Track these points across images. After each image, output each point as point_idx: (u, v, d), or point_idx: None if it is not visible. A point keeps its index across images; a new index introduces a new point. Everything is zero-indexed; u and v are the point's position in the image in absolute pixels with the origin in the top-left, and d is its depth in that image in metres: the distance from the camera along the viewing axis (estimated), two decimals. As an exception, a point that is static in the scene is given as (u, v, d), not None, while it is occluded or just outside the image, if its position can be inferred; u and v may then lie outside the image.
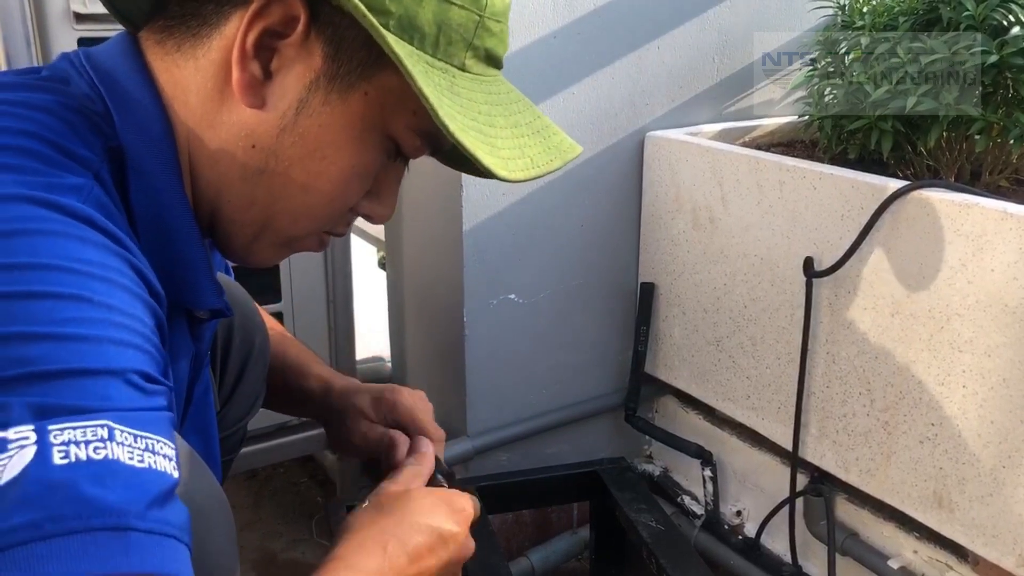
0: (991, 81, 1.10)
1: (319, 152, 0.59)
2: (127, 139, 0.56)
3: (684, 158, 1.35)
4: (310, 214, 0.63)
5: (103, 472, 0.40)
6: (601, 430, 1.54)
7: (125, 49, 0.59)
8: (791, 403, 1.23)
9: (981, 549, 1.04)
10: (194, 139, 0.59)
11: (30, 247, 0.45)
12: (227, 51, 0.57)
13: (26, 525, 0.38)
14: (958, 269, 1.00)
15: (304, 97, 0.58)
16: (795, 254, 1.19)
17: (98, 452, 0.41)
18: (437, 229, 1.37)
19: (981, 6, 1.09)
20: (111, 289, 0.47)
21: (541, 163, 0.62)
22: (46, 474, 0.39)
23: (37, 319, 0.43)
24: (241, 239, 0.64)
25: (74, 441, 0.40)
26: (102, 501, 0.40)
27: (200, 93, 0.58)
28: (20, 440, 0.39)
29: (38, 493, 0.38)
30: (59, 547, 0.38)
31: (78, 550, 0.38)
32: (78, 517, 0.39)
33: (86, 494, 0.39)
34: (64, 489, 0.39)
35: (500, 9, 0.61)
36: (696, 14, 1.42)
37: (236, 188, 0.60)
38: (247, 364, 0.90)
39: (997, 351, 0.98)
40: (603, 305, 1.48)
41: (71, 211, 0.48)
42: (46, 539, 0.38)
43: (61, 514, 0.38)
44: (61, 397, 0.41)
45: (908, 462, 1.10)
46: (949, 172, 1.23)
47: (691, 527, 1.45)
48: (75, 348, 0.43)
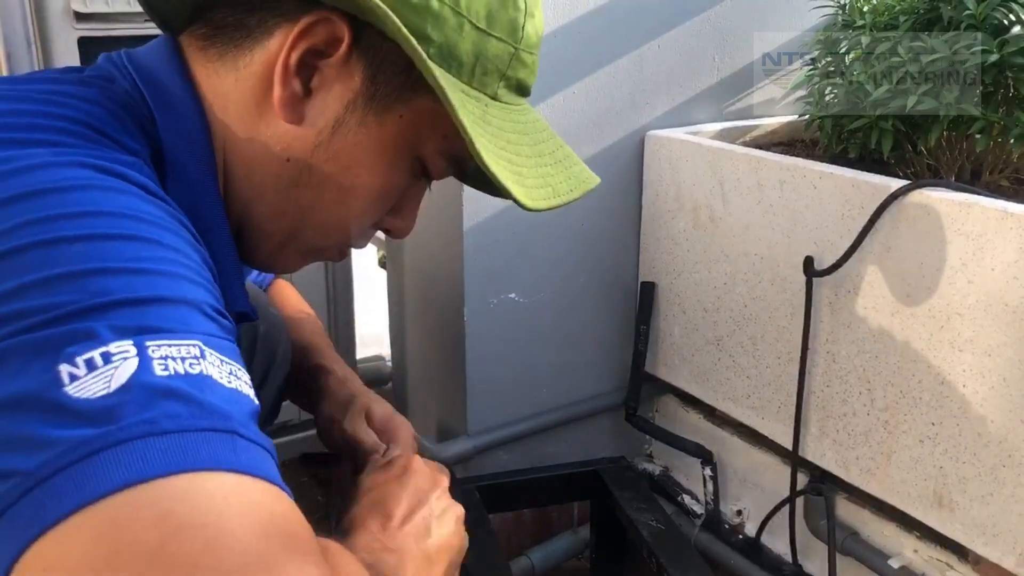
0: (992, 80, 1.10)
1: (352, 170, 0.61)
2: (167, 139, 0.57)
3: (684, 157, 1.35)
4: (337, 227, 0.64)
5: (202, 385, 0.41)
6: (601, 429, 1.54)
7: (168, 53, 0.61)
8: (791, 402, 1.23)
9: (981, 548, 1.04)
10: (230, 147, 0.60)
11: (92, 199, 0.46)
12: (269, 65, 0.58)
13: (143, 422, 0.38)
14: (958, 268, 1.00)
15: (341, 116, 0.59)
16: (795, 253, 1.19)
17: (193, 368, 0.42)
18: (438, 228, 1.37)
19: (982, 5, 1.09)
20: (176, 238, 0.48)
21: (562, 192, 0.64)
22: (152, 381, 0.40)
23: (111, 257, 0.44)
24: (268, 247, 0.65)
25: (171, 357, 0.41)
26: (210, 405, 0.41)
27: (239, 103, 0.59)
28: (122, 353, 0.40)
29: (148, 397, 0.39)
30: (174, 442, 0.39)
31: (192, 446, 0.39)
32: (192, 417, 0.40)
33: (196, 398, 0.40)
34: (173, 394, 0.40)
35: (535, 42, 0.63)
36: (696, 13, 1.42)
37: (268, 198, 0.62)
38: (268, 373, 0.90)
39: (997, 350, 0.98)
40: (603, 304, 1.48)
41: (126, 177, 0.49)
42: (161, 435, 0.38)
43: (176, 413, 0.39)
44: (148, 320, 0.42)
45: (908, 461, 1.10)
46: (949, 171, 1.23)
47: (691, 526, 1.45)
48: (152, 280, 0.44)
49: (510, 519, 1.45)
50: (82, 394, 0.38)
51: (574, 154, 0.68)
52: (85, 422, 0.38)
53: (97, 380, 0.39)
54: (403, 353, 1.57)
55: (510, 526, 1.46)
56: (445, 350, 1.40)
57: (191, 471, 0.38)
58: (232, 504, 0.39)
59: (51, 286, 0.41)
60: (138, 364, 0.40)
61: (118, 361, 0.40)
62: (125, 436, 0.38)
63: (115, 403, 0.38)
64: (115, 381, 0.39)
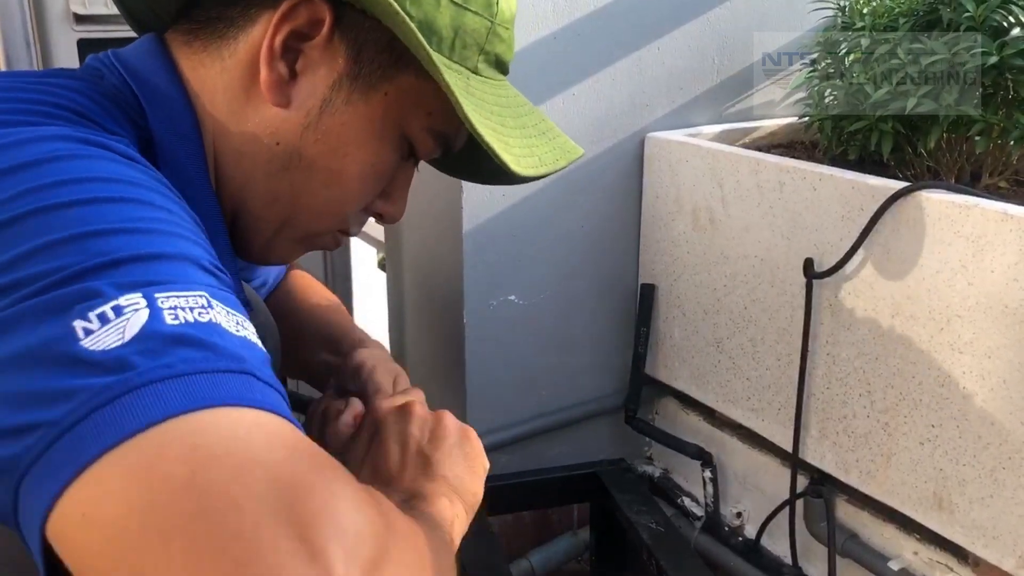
0: (991, 82, 1.10)
1: (341, 149, 0.62)
2: (157, 130, 0.58)
3: (684, 159, 1.35)
4: (330, 210, 0.65)
5: (213, 332, 0.42)
6: (601, 431, 1.54)
7: (153, 49, 0.62)
8: (791, 404, 1.23)
9: (981, 550, 1.04)
10: (219, 136, 0.61)
11: (80, 167, 0.46)
12: (254, 52, 0.59)
13: (161, 367, 0.39)
14: (958, 270, 1.00)
15: (328, 97, 0.60)
16: (795, 255, 1.19)
17: (203, 316, 0.42)
18: (437, 230, 1.37)
19: (981, 7, 1.09)
20: (165, 200, 0.48)
21: (548, 161, 0.65)
22: (165, 329, 0.41)
23: (107, 219, 0.44)
24: (263, 235, 0.66)
25: (180, 307, 0.42)
26: (224, 349, 0.42)
27: (227, 92, 0.60)
28: (132, 305, 0.41)
29: (163, 344, 0.40)
30: (193, 382, 0.40)
31: (211, 384, 0.40)
32: (207, 360, 0.41)
33: (209, 342, 0.41)
34: (186, 341, 0.41)
35: (509, 17, 0.65)
36: (696, 15, 1.42)
37: (260, 184, 0.63)
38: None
39: (997, 352, 0.98)
40: (603, 306, 1.47)
41: (108, 146, 0.49)
42: (180, 376, 0.39)
43: (191, 357, 0.40)
44: (153, 274, 0.43)
45: (908, 463, 1.10)
46: (949, 173, 1.23)
47: (691, 528, 1.45)
48: (151, 239, 0.45)
49: (510, 521, 1.45)
50: (97, 346, 0.39)
51: (556, 127, 0.70)
52: (104, 371, 0.39)
53: (111, 332, 0.40)
54: (402, 355, 1.57)
55: (510, 528, 1.46)
56: (445, 352, 1.40)
57: (212, 407, 0.39)
58: (255, 435, 0.40)
59: (53, 250, 0.42)
60: (149, 314, 0.41)
61: (129, 313, 0.40)
62: (144, 380, 0.39)
63: (131, 351, 0.39)
64: (128, 331, 0.40)
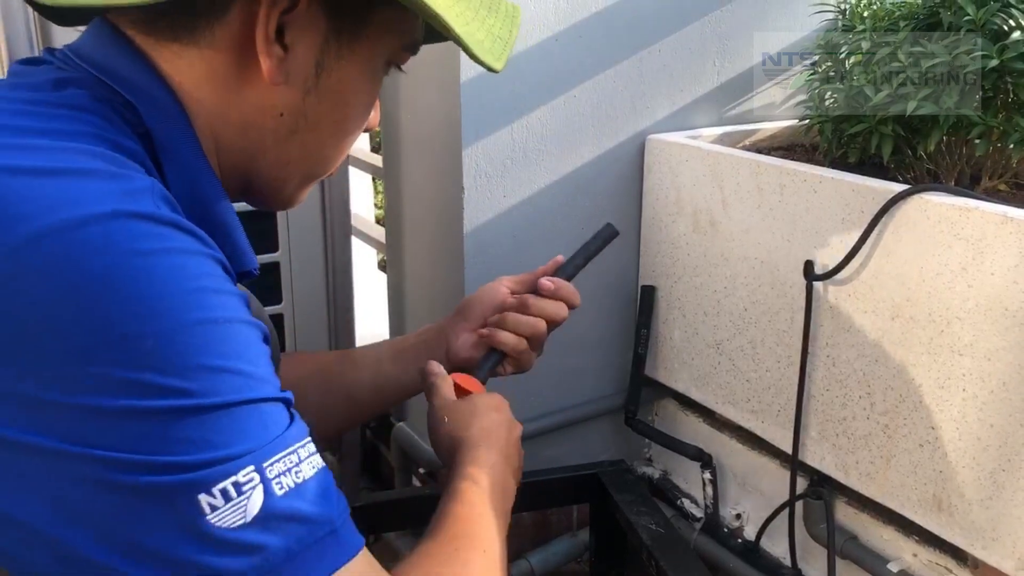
0: (991, 86, 1.10)
1: (342, 99, 0.65)
2: (151, 124, 0.59)
3: (685, 161, 1.36)
4: (340, 150, 0.70)
5: (306, 491, 0.51)
6: (601, 433, 1.55)
7: (113, 41, 0.60)
8: (791, 406, 1.23)
9: (981, 552, 1.04)
10: (217, 119, 0.62)
11: (149, 291, 0.48)
12: (234, 39, 0.59)
13: (281, 550, 0.49)
14: (958, 273, 1.00)
15: (320, 59, 0.62)
16: (795, 257, 1.19)
17: (298, 477, 0.51)
18: (438, 231, 1.38)
19: (981, 11, 1.10)
20: (234, 300, 0.53)
21: (505, 37, 0.67)
22: (277, 507, 0.49)
23: (215, 350, 0.49)
24: (283, 191, 0.69)
25: (282, 473, 0.50)
26: (319, 516, 0.51)
27: (213, 79, 0.60)
28: (249, 482, 0.48)
29: (278, 524, 0.49)
30: (304, 560, 0.50)
31: (316, 557, 0.50)
32: (310, 533, 0.50)
33: (307, 516, 0.50)
34: (294, 518, 0.49)
35: None
36: (697, 17, 1.43)
37: (271, 152, 0.65)
38: None
39: (997, 355, 0.98)
40: (603, 308, 1.48)
41: (161, 219, 0.51)
42: (295, 557, 0.49)
43: (300, 535, 0.49)
44: (262, 432, 0.50)
45: (908, 465, 1.10)
46: (949, 176, 1.23)
47: (691, 530, 1.45)
48: (249, 371, 0.51)
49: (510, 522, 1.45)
50: (223, 524, 0.47)
51: None
52: (236, 552, 0.47)
53: (234, 512, 0.47)
54: (403, 356, 1.57)
55: (509, 529, 1.45)
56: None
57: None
58: None
59: (175, 367, 0.47)
60: (263, 491, 0.48)
61: (248, 491, 0.48)
62: (272, 566, 0.48)
63: (254, 536, 0.48)
64: (249, 512, 0.48)
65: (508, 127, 1.28)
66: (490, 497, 0.76)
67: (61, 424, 0.45)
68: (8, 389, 0.45)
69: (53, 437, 0.45)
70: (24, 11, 1.13)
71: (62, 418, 0.45)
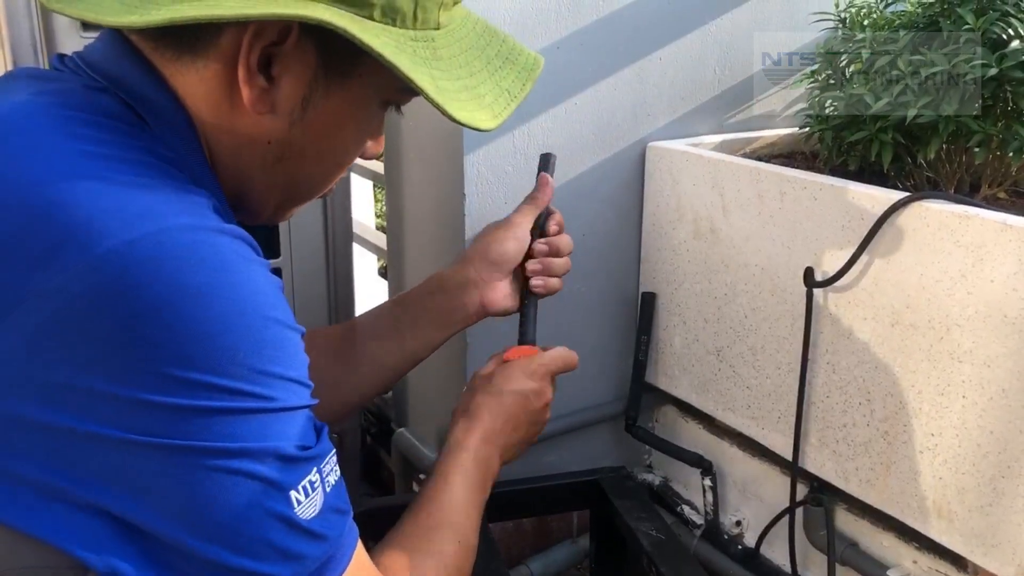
0: (991, 94, 1.11)
1: (329, 132, 0.65)
2: (166, 138, 0.60)
3: (685, 168, 1.36)
4: (327, 178, 0.71)
5: (340, 492, 0.61)
6: (601, 439, 1.55)
7: (125, 52, 0.61)
8: (791, 413, 1.23)
9: (980, 559, 1.04)
10: (211, 138, 0.63)
11: (228, 306, 0.53)
12: (225, 62, 0.59)
13: (337, 536, 0.60)
14: (958, 280, 1.01)
15: (307, 94, 0.62)
16: (796, 264, 1.20)
17: (333, 477, 0.60)
18: (439, 238, 1.38)
19: (981, 20, 1.10)
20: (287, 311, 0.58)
21: (515, 91, 0.68)
22: (330, 502, 0.59)
23: (280, 357, 0.55)
24: (269, 209, 0.71)
25: (328, 472, 0.59)
26: (343, 510, 0.61)
27: (208, 99, 0.61)
28: (315, 482, 0.58)
29: (331, 515, 0.59)
30: (343, 543, 0.61)
31: (350, 540, 0.62)
32: (344, 521, 0.61)
33: (340, 508, 0.61)
34: (337, 510, 0.60)
35: None
36: (697, 26, 1.43)
37: (257, 176, 0.66)
38: None
39: (997, 361, 0.98)
40: (604, 314, 1.48)
41: (227, 232, 0.55)
42: (340, 538, 0.60)
43: (339, 525, 0.60)
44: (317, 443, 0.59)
45: (908, 472, 1.10)
46: (948, 184, 1.24)
47: (691, 536, 1.45)
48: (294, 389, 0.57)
49: (510, 528, 1.45)
50: (304, 515, 0.56)
51: (517, 43, 0.71)
52: (312, 539, 0.57)
53: (311, 505, 0.57)
54: (404, 362, 1.57)
55: (510, 535, 1.46)
56: (445, 359, 1.40)
57: (352, 557, 0.62)
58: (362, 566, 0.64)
59: (250, 371, 0.54)
60: (323, 490, 0.58)
61: (316, 489, 0.57)
62: (334, 549, 0.59)
63: (322, 524, 0.58)
64: (317, 505, 0.57)
65: (509, 134, 1.28)
66: (472, 479, 0.83)
67: (165, 423, 0.51)
68: (109, 391, 0.50)
69: (174, 436, 0.51)
70: (29, 17, 1.13)
71: (167, 418, 0.51)
